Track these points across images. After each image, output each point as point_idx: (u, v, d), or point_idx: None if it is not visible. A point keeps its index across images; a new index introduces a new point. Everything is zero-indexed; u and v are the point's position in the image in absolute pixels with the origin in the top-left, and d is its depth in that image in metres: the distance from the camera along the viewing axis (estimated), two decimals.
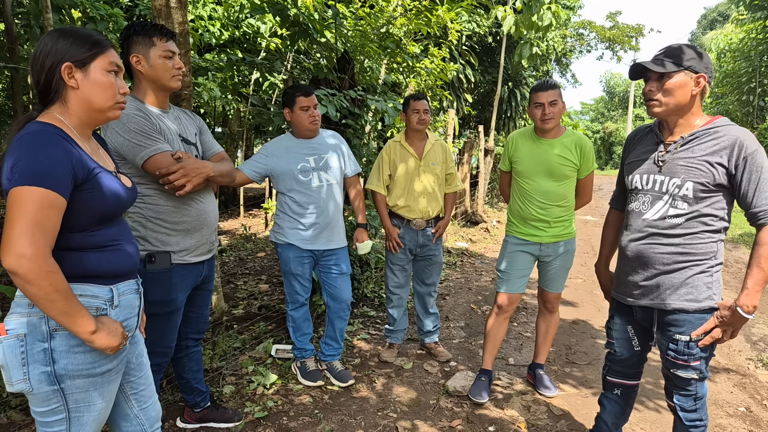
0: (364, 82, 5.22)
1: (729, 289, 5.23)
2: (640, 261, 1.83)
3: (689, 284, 1.75)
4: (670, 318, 1.79)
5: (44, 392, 1.26)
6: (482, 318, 4.29)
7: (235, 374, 2.99)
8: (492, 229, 8.71)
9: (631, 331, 1.98)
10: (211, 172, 2.02)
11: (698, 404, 1.83)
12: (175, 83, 2.00)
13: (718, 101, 21.94)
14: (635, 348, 1.98)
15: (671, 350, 1.80)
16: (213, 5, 6.47)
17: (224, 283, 4.95)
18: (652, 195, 1.81)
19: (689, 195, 1.72)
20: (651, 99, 1.75)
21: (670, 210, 1.76)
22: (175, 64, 1.97)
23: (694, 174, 1.71)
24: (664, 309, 1.79)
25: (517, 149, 2.75)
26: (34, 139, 1.21)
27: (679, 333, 1.77)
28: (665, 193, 1.77)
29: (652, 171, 1.82)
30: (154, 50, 1.92)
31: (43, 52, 1.28)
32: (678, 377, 1.81)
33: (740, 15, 17.07)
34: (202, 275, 2.17)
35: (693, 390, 1.81)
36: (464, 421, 2.61)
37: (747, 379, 3.18)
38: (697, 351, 1.76)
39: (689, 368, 1.78)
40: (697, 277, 1.74)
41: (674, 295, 1.77)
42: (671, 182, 1.75)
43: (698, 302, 1.74)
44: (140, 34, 1.91)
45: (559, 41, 13.70)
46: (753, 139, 1.66)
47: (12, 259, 1.14)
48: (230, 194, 10.96)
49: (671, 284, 1.77)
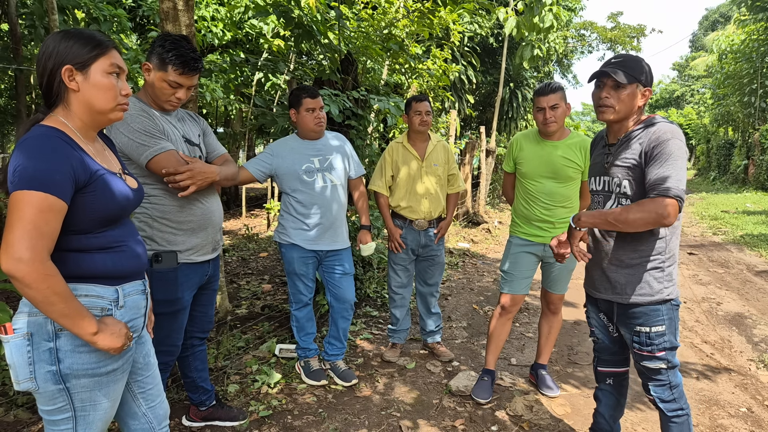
0: (366, 83, 5.24)
1: (731, 291, 5.24)
2: (600, 256, 1.95)
3: (642, 280, 1.85)
4: (628, 311, 1.90)
5: (50, 391, 1.27)
6: (484, 318, 4.30)
7: (239, 373, 3.01)
8: (494, 229, 8.72)
9: (604, 319, 2.06)
10: (217, 177, 2.04)
11: (675, 393, 1.90)
12: (168, 107, 2.01)
13: (719, 102, 21.94)
14: (613, 334, 2.06)
15: (635, 342, 1.91)
16: (216, 6, 6.49)
17: (227, 283, 4.96)
18: (603, 195, 1.94)
19: (628, 192, 1.83)
20: (605, 105, 1.84)
21: (619, 206, 1.85)
22: (177, 94, 1.97)
23: (627, 171, 1.82)
24: (621, 303, 1.90)
25: (522, 150, 2.76)
26: (35, 143, 1.22)
27: (639, 325, 1.88)
28: (611, 192, 1.89)
29: (601, 173, 1.95)
30: (162, 74, 1.93)
31: (45, 54, 1.29)
32: (647, 368, 1.91)
33: (742, 16, 17.05)
34: (207, 274, 2.19)
35: (665, 379, 1.90)
36: (467, 420, 2.63)
37: (748, 379, 3.19)
38: (659, 341, 1.85)
39: (655, 359, 1.87)
40: (650, 273, 1.85)
41: (629, 290, 1.87)
42: (613, 181, 1.88)
43: (651, 296, 1.85)
44: (162, 54, 1.91)
45: (560, 42, 13.70)
46: (672, 130, 1.74)
47: (10, 263, 1.15)
48: (232, 194, 10.98)
49: (626, 280, 1.88)
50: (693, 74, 33.71)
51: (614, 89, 1.82)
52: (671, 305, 1.87)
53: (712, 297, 4.99)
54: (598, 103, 1.87)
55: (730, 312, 4.53)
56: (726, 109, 21.44)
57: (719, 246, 7.69)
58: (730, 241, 8.10)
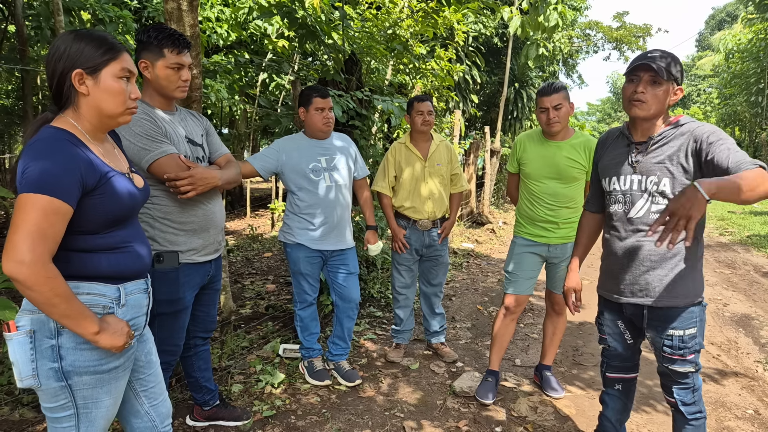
0: (370, 84, 5.23)
1: (738, 292, 5.20)
2: (630, 258, 1.88)
3: (677, 280, 1.81)
4: (661, 314, 1.85)
5: (52, 388, 1.28)
6: (488, 319, 4.29)
7: (243, 373, 3.01)
8: (498, 230, 8.70)
9: (621, 326, 2.02)
10: (219, 182, 2.04)
11: (696, 396, 1.89)
12: (179, 94, 2.00)
13: (726, 102, 21.79)
14: (628, 341, 2.03)
15: (667, 346, 1.86)
16: (221, 7, 6.51)
17: (231, 283, 4.97)
18: (631, 194, 1.87)
19: (667, 191, 1.78)
20: (639, 100, 1.77)
21: (653, 206, 1.82)
22: (182, 76, 1.97)
23: (667, 170, 1.78)
24: (654, 306, 1.85)
25: (526, 151, 2.75)
26: (44, 146, 1.23)
27: (673, 328, 1.83)
28: (644, 191, 1.83)
29: (627, 172, 1.88)
30: (162, 61, 1.92)
31: (56, 56, 1.29)
32: (676, 372, 1.87)
33: (749, 15, 16.93)
34: (209, 274, 2.20)
35: (691, 382, 1.88)
36: (471, 421, 2.62)
37: (755, 381, 3.17)
38: (692, 344, 1.82)
39: (686, 362, 1.84)
40: (686, 274, 1.81)
41: (664, 292, 1.82)
42: (648, 180, 1.82)
43: (687, 298, 1.81)
44: (153, 43, 1.91)
45: (565, 42, 13.66)
46: (708, 126, 1.73)
47: (11, 265, 1.16)
48: (237, 195, 11.00)
49: (660, 281, 1.83)
50: (699, 74, 33.50)
51: (651, 84, 1.74)
52: (702, 306, 1.85)
53: (718, 298, 4.96)
54: (631, 98, 1.77)
55: (736, 313, 4.50)
56: (733, 108, 21.30)
57: (726, 247, 7.64)
58: (736, 241, 8.04)
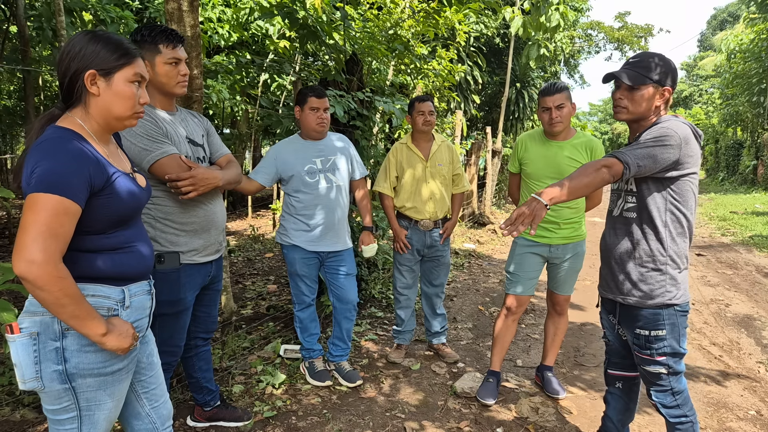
0: (372, 84, 5.23)
1: (740, 293, 5.18)
2: (606, 255, 1.96)
3: (640, 281, 1.84)
4: (629, 313, 1.89)
5: (56, 390, 1.28)
6: (490, 319, 4.29)
7: (244, 374, 3.01)
8: (499, 230, 8.68)
9: (613, 320, 2.05)
10: (220, 183, 2.04)
11: (678, 399, 1.87)
12: (179, 90, 2.00)
13: (728, 102, 21.74)
14: (623, 337, 2.04)
15: (635, 345, 1.89)
16: (222, 8, 6.51)
17: (233, 284, 4.97)
18: (616, 193, 1.96)
19: (634, 189, 1.84)
20: (619, 105, 1.86)
21: (625, 204, 1.88)
22: (181, 70, 1.97)
23: None
24: (623, 303, 1.89)
25: (527, 151, 2.75)
26: (52, 145, 1.23)
27: (639, 327, 1.86)
28: (622, 190, 1.90)
29: None
30: (159, 57, 1.92)
31: (70, 54, 1.29)
32: (648, 372, 1.88)
33: (752, 15, 16.88)
34: (210, 275, 2.20)
35: (667, 385, 1.86)
36: (472, 422, 2.61)
37: (757, 382, 3.16)
38: (658, 345, 1.83)
39: (655, 363, 1.85)
40: (649, 274, 1.83)
41: (629, 291, 1.86)
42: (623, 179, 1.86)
43: (652, 299, 1.82)
44: (147, 40, 1.91)
45: (567, 42, 13.65)
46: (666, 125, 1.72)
47: (22, 265, 1.16)
48: (239, 195, 11.01)
49: (626, 280, 1.87)
50: (701, 74, 33.43)
51: (628, 90, 1.82)
52: (674, 311, 1.82)
53: (720, 299, 4.95)
54: (614, 103, 1.89)
55: (738, 314, 4.49)
56: (735, 109, 21.24)
57: (728, 247, 7.62)
58: (738, 242, 8.02)
